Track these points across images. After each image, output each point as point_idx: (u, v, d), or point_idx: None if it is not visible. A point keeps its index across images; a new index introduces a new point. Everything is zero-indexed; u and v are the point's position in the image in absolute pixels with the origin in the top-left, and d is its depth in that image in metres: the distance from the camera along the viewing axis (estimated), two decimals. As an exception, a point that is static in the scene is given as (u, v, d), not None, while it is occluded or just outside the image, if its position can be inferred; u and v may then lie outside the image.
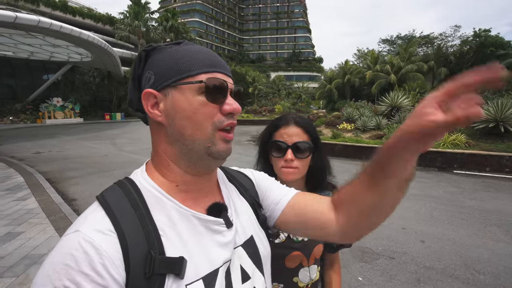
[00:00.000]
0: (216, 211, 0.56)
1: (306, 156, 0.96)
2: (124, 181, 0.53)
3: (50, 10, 26.78)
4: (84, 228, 0.43)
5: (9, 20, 11.92)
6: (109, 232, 0.44)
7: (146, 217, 0.47)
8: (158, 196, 0.51)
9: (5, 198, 4.59)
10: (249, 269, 0.59)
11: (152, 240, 0.46)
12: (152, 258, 0.44)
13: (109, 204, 0.47)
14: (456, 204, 4.59)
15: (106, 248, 0.42)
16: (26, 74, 24.26)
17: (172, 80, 0.50)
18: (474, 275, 2.68)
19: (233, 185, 0.69)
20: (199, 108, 0.50)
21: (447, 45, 32.57)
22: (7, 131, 15.91)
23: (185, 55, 0.52)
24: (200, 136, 0.51)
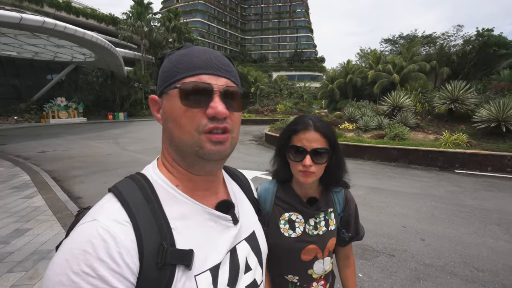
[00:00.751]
0: (224, 208, 0.59)
1: (324, 161, 0.97)
2: (136, 175, 0.55)
3: (54, 11, 26.99)
4: (102, 217, 0.45)
5: (15, 21, 12.07)
6: (125, 222, 0.46)
7: (158, 211, 0.49)
8: (169, 190, 0.54)
9: (13, 196, 4.67)
10: (252, 262, 0.63)
11: (164, 233, 0.48)
12: (164, 249, 0.46)
13: (124, 197, 0.49)
14: (456, 203, 4.61)
15: (123, 237, 0.44)
16: (30, 74, 24.50)
17: (163, 86, 0.54)
18: (473, 272, 2.71)
19: (236, 183, 0.74)
20: (183, 113, 0.51)
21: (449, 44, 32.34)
22: (12, 131, 16.11)
23: (175, 60, 0.54)
24: (187, 139, 0.51)
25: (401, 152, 7.81)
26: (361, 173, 6.78)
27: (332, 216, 1.08)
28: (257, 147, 10.87)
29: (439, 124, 9.52)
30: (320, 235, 1.05)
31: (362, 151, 8.37)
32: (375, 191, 5.26)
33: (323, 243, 1.06)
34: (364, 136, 9.37)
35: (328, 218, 1.08)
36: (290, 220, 1.07)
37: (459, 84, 9.40)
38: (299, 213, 1.06)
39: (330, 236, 1.07)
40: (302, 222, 1.06)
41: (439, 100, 9.76)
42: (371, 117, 10.26)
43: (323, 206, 1.07)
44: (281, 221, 1.07)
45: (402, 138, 8.47)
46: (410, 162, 7.65)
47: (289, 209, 1.08)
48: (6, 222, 3.61)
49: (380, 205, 4.51)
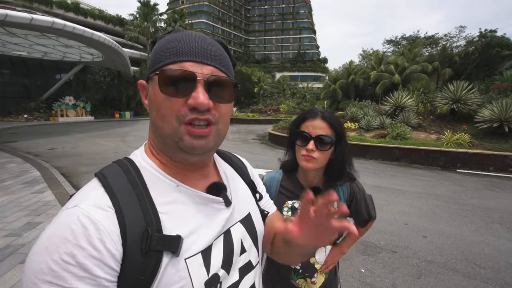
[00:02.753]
0: (215, 190, 0.58)
1: (327, 149, 1.01)
2: (123, 160, 0.54)
3: (63, 12, 27.28)
4: (83, 203, 0.44)
5: (26, 22, 12.29)
6: (107, 208, 0.44)
7: (144, 195, 0.48)
8: (156, 175, 0.52)
9: (24, 191, 4.76)
10: (247, 243, 0.62)
11: (150, 218, 0.46)
12: (149, 235, 0.44)
13: (108, 182, 0.47)
14: (458, 202, 4.64)
15: (104, 223, 0.42)
16: (40, 73, 24.83)
17: (149, 72, 0.52)
18: (475, 269, 2.74)
19: (229, 165, 0.71)
20: (162, 101, 0.48)
21: (452, 45, 32.27)
22: (22, 128, 16.29)
23: (163, 45, 0.51)
24: (167, 129, 0.49)
25: (403, 152, 7.84)
26: (363, 172, 6.80)
27: (335, 205, 1.12)
28: (261, 146, 10.93)
29: (441, 124, 9.54)
30: None
31: (365, 150, 8.40)
32: (377, 190, 5.30)
33: None
34: (367, 136, 9.41)
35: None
36: (293, 207, 1.12)
37: (461, 84, 9.41)
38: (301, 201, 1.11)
39: None
40: None
41: (441, 100, 9.77)
42: (373, 117, 10.29)
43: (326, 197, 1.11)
44: (285, 208, 1.12)
45: (404, 137, 8.50)
46: (412, 161, 7.67)
47: (292, 197, 1.13)
48: (18, 216, 3.70)
49: (382, 203, 4.54)
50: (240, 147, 10.41)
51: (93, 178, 0.50)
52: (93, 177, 0.51)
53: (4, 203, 4.15)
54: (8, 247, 2.89)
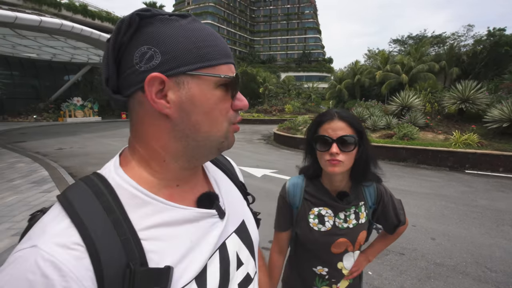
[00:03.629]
0: (207, 201, 0.51)
1: (352, 149, 0.96)
2: (92, 178, 0.43)
3: (71, 14, 27.76)
4: (43, 242, 0.35)
5: (35, 24, 12.58)
6: (76, 246, 0.35)
7: (122, 222, 0.39)
8: (138, 196, 0.43)
9: (32, 190, 4.83)
10: (244, 255, 0.56)
11: (131, 249, 0.38)
12: (132, 271, 0.37)
13: (75, 209, 0.38)
14: (467, 204, 4.56)
15: (73, 267, 0.34)
16: (49, 75, 25.42)
17: (191, 67, 0.42)
18: (486, 273, 2.68)
19: (219, 169, 0.65)
20: (217, 103, 0.45)
21: (459, 44, 31.90)
22: (32, 129, 16.64)
23: (205, 38, 0.44)
24: (217, 132, 0.47)
25: (410, 152, 7.74)
26: (370, 173, 6.76)
27: (363, 209, 1.07)
28: (266, 146, 10.92)
29: (449, 124, 9.40)
30: (350, 228, 1.05)
31: (371, 151, 8.33)
32: (384, 191, 5.25)
33: (354, 236, 1.06)
34: (373, 136, 9.32)
35: (358, 212, 1.07)
36: (320, 214, 1.07)
37: (469, 83, 9.27)
38: (329, 207, 1.06)
39: (361, 229, 1.07)
40: (332, 216, 1.06)
41: (449, 100, 9.64)
42: (380, 117, 10.19)
43: (354, 200, 1.06)
44: (311, 215, 1.07)
45: (411, 138, 8.40)
46: (419, 162, 7.57)
47: (318, 203, 1.07)
48: (26, 215, 3.74)
49: (389, 204, 4.49)
50: (246, 147, 10.42)
51: (55, 204, 0.40)
52: (55, 202, 0.40)
53: (13, 202, 4.22)
54: (16, 246, 2.92)
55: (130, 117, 0.47)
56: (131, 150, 0.48)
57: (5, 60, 21.69)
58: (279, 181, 5.63)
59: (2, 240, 3.03)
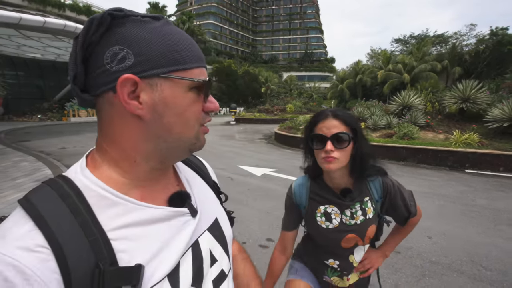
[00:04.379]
0: (178, 200, 0.52)
1: (346, 146, 0.97)
2: (57, 180, 0.43)
3: (75, 15, 28.00)
4: (4, 246, 0.34)
5: (39, 25, 12.77)
6: (40, 248, 0.34)
7: (90, 223, 0.39)
8: (107, 197, 0.43)
9: (34, 188, 4.91)
10: (217, 252, 0.57)
11: (100, 250, 0.38)
12: (101, 271, 0.36)
13: (39, 211, 0.37)
14: (466, 203, 4.55)
15: (37, 270, 0.33)
16: (53, 75, 25.64)
17: (165, 69, 0.43)
18: (481, 271, 2.68)
19: (190, 168, 0.65)
20: (190, 105, 0.46)
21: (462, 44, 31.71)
22: (36, 128, 16.79)
23: (179, 42, 0.45)
24: (188, 134, 0.48)
25: (410, 151, 7.73)
26: (369, 172, 6.76)
27: (369, 204, 1.09)
28: (267, 146, 10.93)
29: (449, 124, 9.37)
30: (358, 224, 1.07)
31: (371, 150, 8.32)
32: (382, 190, 5.25)
33: (363, 231, 1.07)
34: (373, 135, 9.31)
35: (364, 207, 1.08)
36: (326, 212, 1.09)
37: (470, 83, 9.22)
38: (334, 205, 1.09)
39: (369, 224, 1.08)
40: (338, 213, 1.08)
41: (450, 99, 9.60)
42: (380, 116, 10.18)
43: (358, 196, 1.07)
44: (317, 214, 1.10)
45: (412, 137, 8.38)
46: (419, 161, 7.55)
47: (323, 202, 1.10)
48: (27, 213, 3.81)
49: (387, 203, 4.50)
50: (247, 147, 10.44)
51: (16, 208, 0.39)
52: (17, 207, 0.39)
53: (15, 201, 4.26)
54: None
55: (98, 117, 0.47)
56: (100, 151, 0.48)
57: (10, 60, 21.91)
58: (279, 180, 5.65)
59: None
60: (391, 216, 1.17)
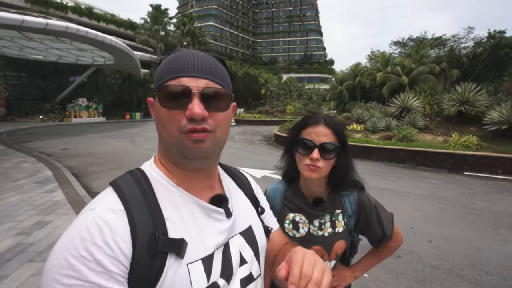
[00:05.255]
0: (217, 202, 0.61)
1: (332, 157, 0.94)
2: (135, 171, 0.59)
3: (77, 17, 28.14)
4: (99, 207, 0.49)
5: (41, 27, 12.86)
6: (120, 211, 0.49)
7: (153, 203, 0.52)
8: (165, 184, 0.57)
9: (36, 190, 4.89)
10: (248, 255, 0.64)
11: (157, 222, 0.50)
12: (156, 237, 0.48)
13: (121, 189, 0.52)
14: (465, 206, 4.57)
15: (117, 225, 0.47)
16: (55, 76, 25.84)
17: (154, 89, 0.56)
18: (482, 276, 2.67)
19: (231, 179, 0.75)
20: (165, 115, 0.53)
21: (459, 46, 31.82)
22: (38, 129, 16.82)
23: (164, 65, 0.56)
24: (171, 139, 0.54)
25: (409, 154, 7.75)
26: (368, 174, 6.75)
27: (340, 217, 1.05)
28: (267, 147, 10.95)
29: (448, 126, 9.42)
30: (325, 236, 1.03)
31: (370, 152, 8.35)
32: (382, 192, 5.25)
33: (329, 245, 1.03)
34: (372, 137, 9.34)
35: (335, 220, 1.04)
36: (294, 220, 1.06)
37: (469, 86, 9.28)
38: (303, 213, 1.05)
39: (337, 238, 1.04)
40: (306, 223, 1.04)
41: (448, 102, 9.65)
42: (380, 119, 10.21)
43: (329, 207, 1.04)
44: (286, 220, 1.07)
45: (411, 139, 8.41)
46: (418, 163, 7.58)
47: (294, 209, 1.07)
48: (29, 215, 3.80)
49: (386, 206, 4.39)
50: (246, 148, 10.45)
51: (108, 186, 0.55)
52: (108, 186, 0.56)
53: (17, 202, 4.28)
54: (18, 245, 2.97)
55: None
56: (158, 151, 0.63)
57: (13, 62, 21.97)
58: (278, 183, 5.65)
59: (4, 240, 3.08)
60: (365, 235, 1.11)
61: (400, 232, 1.11)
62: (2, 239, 3.10)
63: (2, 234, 3.22)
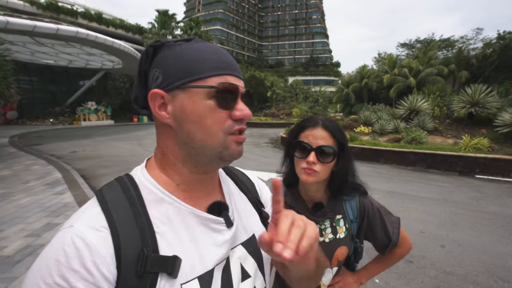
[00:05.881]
0: (216, 210, 0.55)
1: (329, 161, 0.92)
2: (123, 177, 0.52)
3: (87, 22, 28.78)
4: (78, 224, 0.43)
5: (52, 32, 13.22)
6: (102, 228, 0.43)
7: (141, 214, 0.47)
8: (156, 193, 0.50)
9: (46, 192, 4.96)
10: (250, 268, 0.58)
11: (146, 238, 0.45)
12: (144, 255, 0.43)
13: (106, 200, 0.46)
14: (478, 210, 4.46)
15: (98, 245, 0.41)
16: (65, 80, 26.47)
17: (181, 82, 0.48)
18: (498, 283, 2.58)
19: (233, 182, 0.68)
20: (208, 113, 0.48)
21: (468, 48, 31.36)
22: (48, 132, 17.13)
23: (196, 55, 0.49)
24: (211, 142, 0.49)
25: (418, 156, 7.63)
26: (377, 176, 6.67)
27: (341, 223, 1.02)
28: (273, 150, 10.93)
29: (458, 128, 9.27)
30: (326, 242, 0.99)
31: (378, 154, 8.24)
32: (391, 195, 5.18)
33: (330, 251, 1.00)
34: (380, 140, 9.24)
35: (335, 225, 1.01)
36: None
37: (479, 87, 9.13)
38: None
39: (339, 245, 1.00)
40: None
41: (458, 103, 9.51)
42: (387, 121, 10.11)
43: (329, 213, 1.02)
44: None
45: (420, 142, 8.29)
46: (428, 166, 7.45)
47: None
48: (39, 217, 3.85)
49: (396, 209, 4.42)
50: (253, 151, 10.45)
51: (93, 196, 0.50)
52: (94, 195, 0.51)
53: (27, 204, 4.35)
54: (27, 247, 3.01)
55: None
56: (154, 155, 0.56)
57: (24, 66, 22.54)
58: (285, 186, 5.62)
59: (15, 241, 3.12)
60: (370, 241, 1.08)
61: (408, 237, 1.07)
62: (13, 241, 3.14)
63: (13, 236, 3.26)
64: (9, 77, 7.98)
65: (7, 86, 7.83)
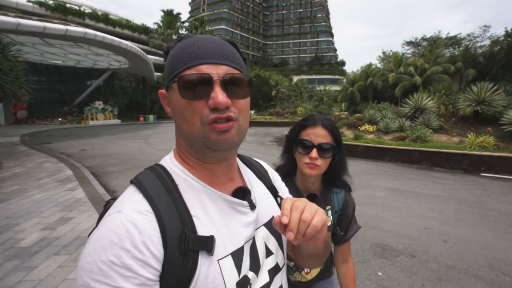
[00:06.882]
0: (240, 194, 0.60)
1: (329, 156, 1.04)
2: (156, 166, 0.56)
3: (94, 23, 29.13)
4: (125, 209, 0.47)
5: (61, 33, 13.41)
6: (147, 213, 0.47)
7: (178, 200, 0.51)
8: (187, 179, 0.55)
9: (58, 188, 5.13)
10: (273, 246, 0.64)
11: (185, 221, 0.49)
12: (186, 236, 0.47)
13: (146, 188, 0.50)
14: (482, 207, 4.48)
15: (146, 226, 0.45)
16: (73, 80, 26.89)
17: (168, 80, 0.53)
18: (499, 277, 2.63)
19: (250, 170, 0.73)
20: (185, 106, 0.51)
21: (475, 46, 30.77)
22: (57, 131, 17.44)
23: (176, 53, 0.53)
24: (193, 132, 0.51)
25: (423, 154, 7.63)
26: (381, 174, 6.70)
27: (329, 213, 1.15)
28: (278, 148, 10.96)
29: (463, 127, 9.21)
30: None
31: (383, 153, 8.25)
32: (395, 192, 5.21)
33: None
34: (385, 138, 9.23)
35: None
36: None
37: (485, 85, 9.05)
38: None
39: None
40: None
41: (464, 102, 9.44)
42: (392, 119, 10.07)
43: (322, 203, 1.13)
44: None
45: (425, 140, 8.26)
46: (432, 164, 7.45)
47: None
48: (53, 211, 4.01)
49: (400, 206, 4.46)
50: (258, 149, 10.52)
51: (130, 185, 0.53)
52: (130, 184, 0.54)
53: (41, 199, 4.51)
54: (44, 239, 3.16)
55: None
56: (176, 146, 0.61)
57: (34, 67, 22.90)
58: (290, 183, 5.67)
59: (31, 234, 3.27)
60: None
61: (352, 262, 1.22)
62: (29, 234, 3.29)
63: (29, 229, 3.42)
64: (20, 78, 8.16)
65: (19, 86, 8.01)
